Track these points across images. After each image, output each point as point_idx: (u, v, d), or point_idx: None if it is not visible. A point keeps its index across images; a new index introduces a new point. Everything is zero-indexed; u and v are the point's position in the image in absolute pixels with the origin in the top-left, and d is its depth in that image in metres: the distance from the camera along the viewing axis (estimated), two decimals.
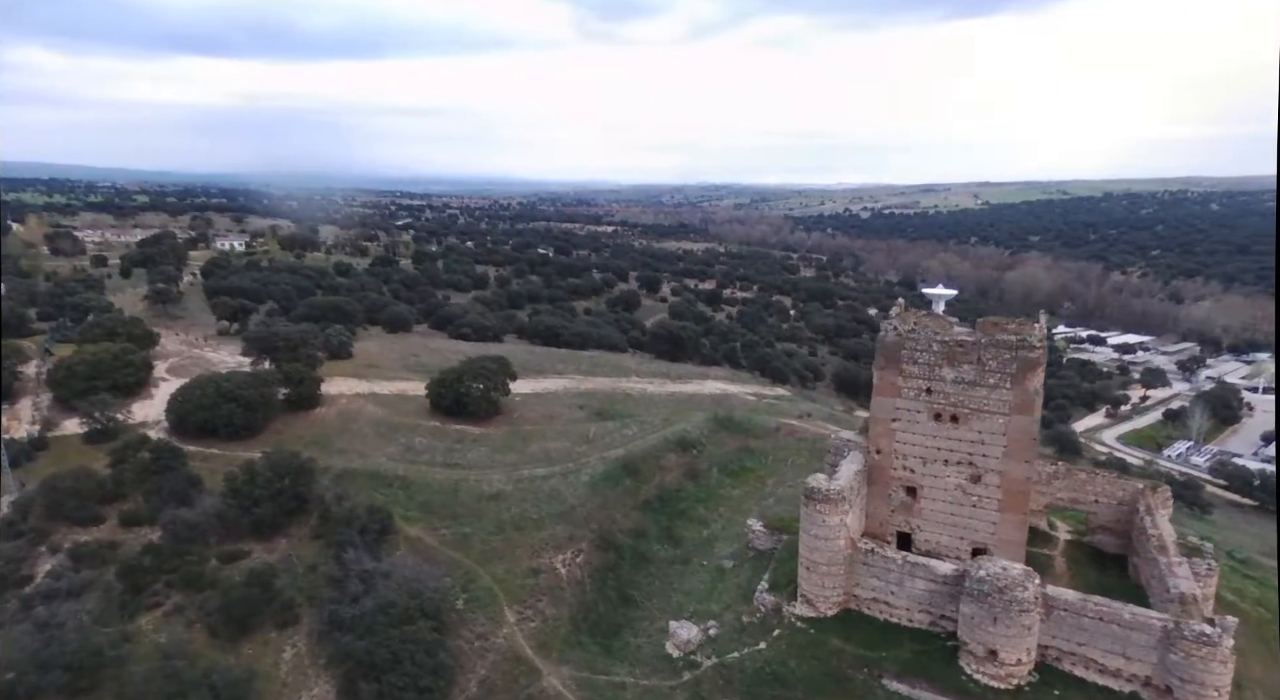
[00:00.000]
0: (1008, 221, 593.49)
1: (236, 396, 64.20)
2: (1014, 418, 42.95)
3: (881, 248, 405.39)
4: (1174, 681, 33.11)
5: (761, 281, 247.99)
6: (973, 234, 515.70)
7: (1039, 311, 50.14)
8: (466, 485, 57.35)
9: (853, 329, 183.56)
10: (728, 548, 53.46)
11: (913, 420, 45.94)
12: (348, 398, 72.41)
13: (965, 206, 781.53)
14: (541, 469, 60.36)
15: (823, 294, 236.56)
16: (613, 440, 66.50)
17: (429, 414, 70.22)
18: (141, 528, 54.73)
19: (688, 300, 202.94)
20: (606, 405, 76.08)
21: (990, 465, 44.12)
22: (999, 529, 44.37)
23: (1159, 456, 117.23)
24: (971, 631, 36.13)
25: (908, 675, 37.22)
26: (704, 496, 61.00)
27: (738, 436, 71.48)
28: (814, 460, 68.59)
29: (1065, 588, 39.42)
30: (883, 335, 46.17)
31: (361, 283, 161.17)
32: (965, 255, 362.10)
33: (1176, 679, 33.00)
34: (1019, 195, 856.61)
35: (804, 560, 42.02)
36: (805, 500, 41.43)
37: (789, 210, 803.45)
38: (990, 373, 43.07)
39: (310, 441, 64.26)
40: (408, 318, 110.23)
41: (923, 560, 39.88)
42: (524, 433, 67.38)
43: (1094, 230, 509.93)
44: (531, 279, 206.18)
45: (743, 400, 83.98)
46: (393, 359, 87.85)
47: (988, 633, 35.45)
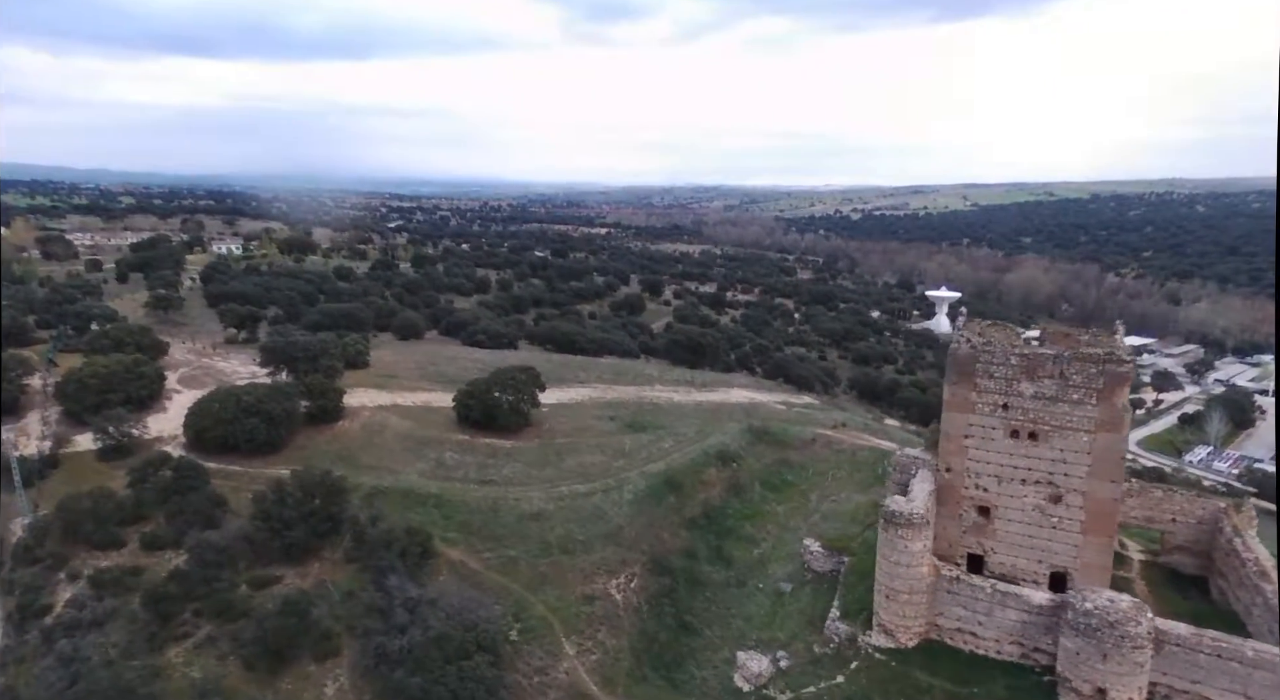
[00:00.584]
0: (999, 223, 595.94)
1: (258, 410, 61.43)
2: (1100, 435, 41.04)
3: (876, 249, 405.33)
4: None
5: (763, 284, 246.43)
6: (964, 235, 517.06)
7: (1115, 321, 48.44)
8: (506, 504, 54.92)
9: (859, 332, 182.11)
10: (782, 569, 51.38)
11: (987, 437, 43.98)
12: (370, 410, 69.75)
13: (954, 208, 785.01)
14: (581, 485, 58.02)
15: (824, 297, 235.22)
16: (649, 454, 64.27)
17: (456, 427, 67.71)
18: (165, 552, 51.93)
19: (691, 304, 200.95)
20: (636, 416, 73.83)
21: (1073, 485, 42.20)
22: (1082, 552, 42.46)
23: (1181, 462, 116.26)
24: (1076, 668, 34.13)
25: None
26: (749, 513, 58.89)
27: (775, 448, 69.43)
28: (855, 472, 66.85)
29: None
30: (955, 348, 44.20)
31: (364, 287, 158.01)
32: (960, 257, 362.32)
33: None
34: (1007, 197, 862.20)
35: (882, 588, 39.96)
36: (885, 524, 39.38)
37: (779, 212, 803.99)
38: (1074, 388, 41.14)
39: (336, 457, 61.60)
40: (419, 325, 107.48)
41: (1014, 589, 37.89)
42: (557, 446, 64.99)
43: (1084, 232, 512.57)
44: (533, 282, 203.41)
45: (772, 409, 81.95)
46: (411, 368, 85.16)
47: (1095, 670, 33.45)
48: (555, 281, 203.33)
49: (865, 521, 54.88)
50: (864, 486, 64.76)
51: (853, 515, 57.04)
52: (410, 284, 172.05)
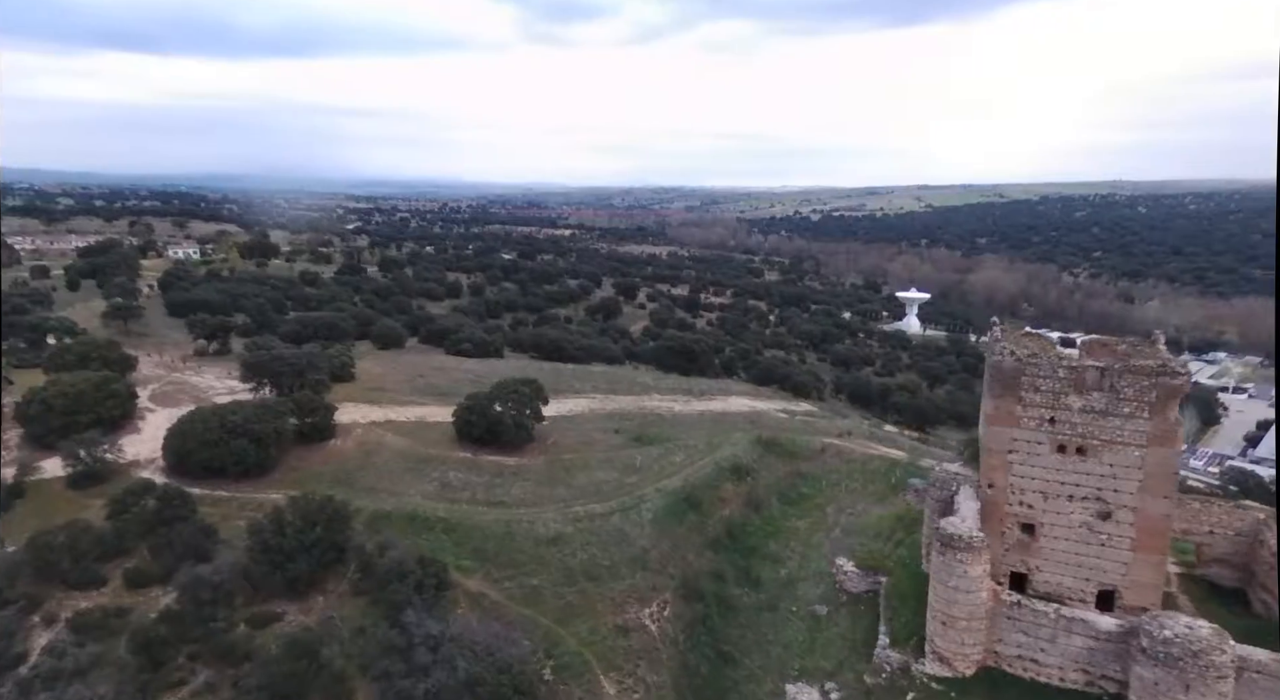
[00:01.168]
0: (954, 224, 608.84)
1: (246, 430, 57.41)
2: (1152, 450, 40.06)
3: (840, 250, 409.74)
4: None
5: (735, 286, 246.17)
6: (922, 236, 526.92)
7: (1155, 331, 47.85)
8: (520, 527, 52.07)
9: (835, 334, 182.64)
10: (813, 590, 49.61)
11: (1032, 452, 42.74)
12: (363, 427, 66.07)
13: (910, 209, 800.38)
14: (596, 505, 55.48)
15: (796, 298, 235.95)
16: (662, 468, 62.02)
17: (456, 444, 64.49)
18: (152, 589, 47.87)
19: (666, 307, 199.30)
20: (641, 428, 71.49)
21: (1123, 501, 41.16)
22: (1131, 570, 41.43)
23: None
24: (1154, 699, 32.96)
25: None
26: (771, 530, 57.07)
27: (785, 460, 67.81)
28: (868, 484, 65.67)
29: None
30: (999, 360, 42.85)
31: (332, 293, 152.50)
32: (922, 258, 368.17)
33: None
34: (959, 198, 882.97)
35: (938, 614, 38.36)
36: (942, 548, 37.78)
37: (740, 212, 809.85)
38: (1126, 401, 40.07)
39: (331, 479, 58.00)
40: (401, 333, 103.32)
41: (1080, 614, 36.60)
42: (564, 463, 62.28)
43: (1036, 232, 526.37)
44: (506, 286, 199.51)
45: (776, 418, 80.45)
46: (399, 380, 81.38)
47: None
48: (528, 285, 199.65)
49: (892, 537, 53.59)
50: (879, 498, 63.60)
51: (876, 530, 55.65)
52: (380, 289, 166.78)
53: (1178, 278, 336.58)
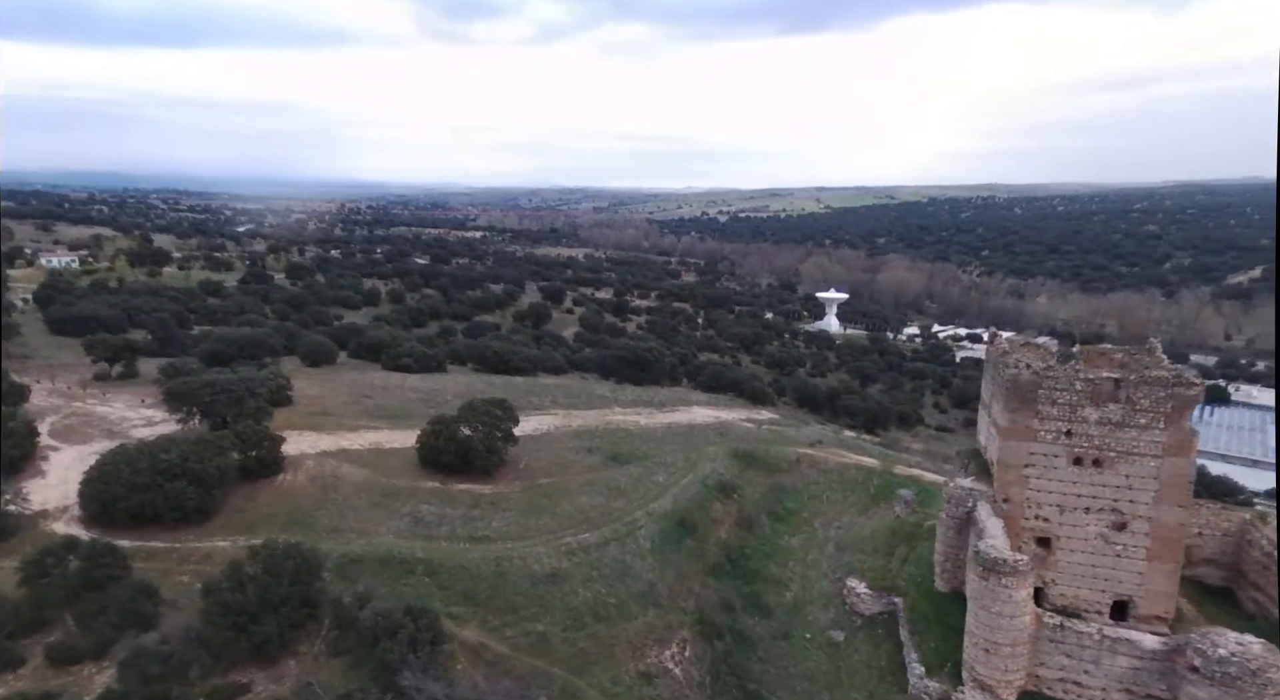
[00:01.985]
0: (853, 224, 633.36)
1: (185, 470, 50.54)
2: (1167, 460, 40.61)
3: (752, 251, 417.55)
4: None
5: (659, 288, 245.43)
6: (825, 236, 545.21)
7: (1150, 340, 48.96)
8: (511, 564, 48.01)
9: (765, 336, 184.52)
10: (823, 613, 48.09)
11: (1049, 466, 42.65)
12: (314, 458, 59.82)
13: (810, 210, 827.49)
14: (587, 534, 52.03)
15: (719, 300, 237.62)
16: (647, 490, 59.16)
17: (422, 472, 59.38)
18: (83, 667, 40.92)
19: (594, 311, 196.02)
20: (613, 446, 68.33)
21: (1139, 511, 41.56)
22: (1147, 579, 41.89)
23: None
24: None
25: None
26: (767, 550, 55.30)
27: (763, 473, 66.35)
28: (848, 494, 65.06)
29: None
30: (1016, 374, 42.48)
31: (240, 304, 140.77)
32: (829, 257, 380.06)
33: None
34: (854, 200, 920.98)
35: (979, 641, 37.34)
36: (984, 573, 36.77)
37: (649, 214, 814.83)
38: (1141, 412, 40.45)
39: (286, 521, 51.95)
40: (332, 349, 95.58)
41: (1124, 633, 36.36)
42: (543, 489, 58.40)
43: (928, 233, 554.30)
44: (428, 293, 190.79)
45: (743, 428, 79.00)
46: (343, 402, 74.79)
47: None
48: (451, 291, 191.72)
49: (892, 553, 52.79)
50: (862, 509, 63.06)
51: (872, 545, 54.82)
52: (292, 298, 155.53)
53: (1058, 274, 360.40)
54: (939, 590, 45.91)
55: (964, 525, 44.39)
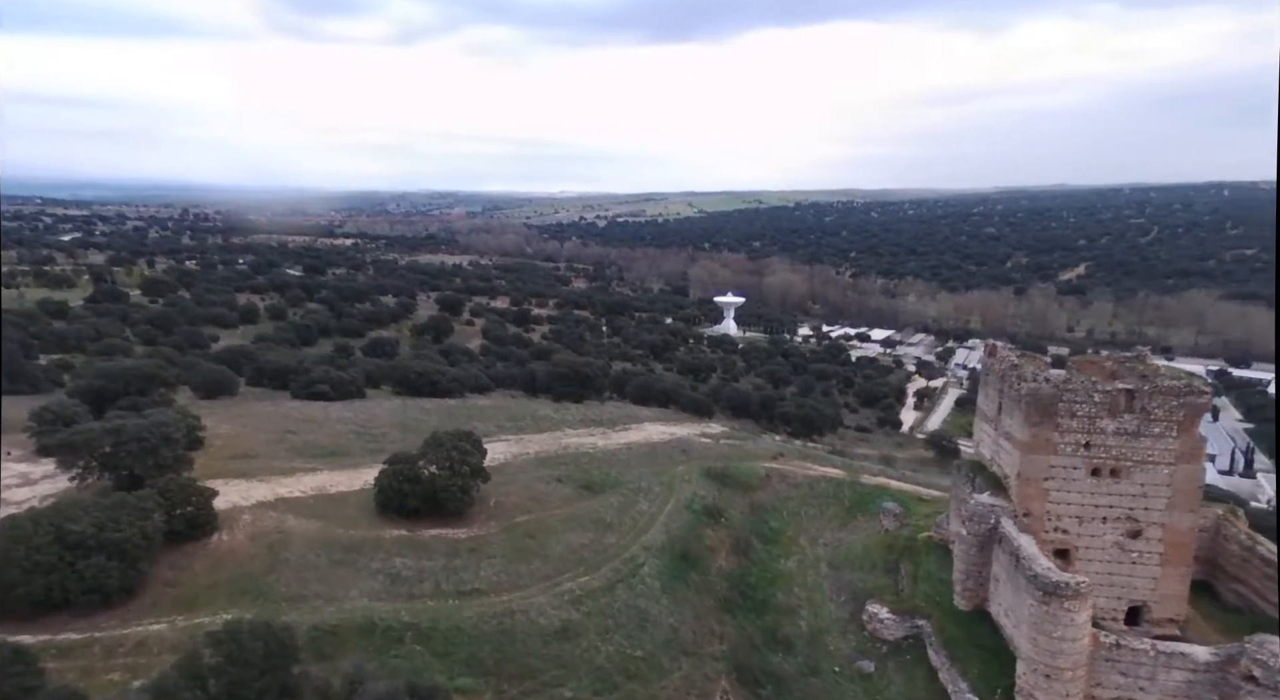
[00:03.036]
0: (728, 228, 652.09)
1: (101, 542, 41.70)
2: (1180, 467, 42.02)
3: (638, 255, 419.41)
4: None
5: (557, 296, 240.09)
6: (704, 240, 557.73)
7: (1138, 347, 50.81)
8: (514, 620, 43.04)
9: (672, 342, 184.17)
10: (844, 642, 46.49)
11: (1069, 478, 43.20)
12: (250, 511, 51.64)
13: (685, 214, 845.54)
14: (588, 577, 47.80)
15: (619, 306, 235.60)
16: (635, 522, 55.53)
17: (382, 520, 52.68)
18: None
19: (496, 322, 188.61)
20: (581, 472, 64.09)
21: (1153, 518, 42.81)
22: (1160, 584, 43.27)
23: None
24: None
25: None
26: (768, 577, 53.20)
27: (739, 493, 64.39)
28: (824, 508, 64.45)
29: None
30: (1036, 388, 42.61)
31: (95, 328, 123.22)
32: (715, 261, 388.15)
33: None
34: (725, 204, 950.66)
35: (1039, 667, 36.54)
36: (1046, 597, 36.02)
37: (526, 219, 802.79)
38: (1156, 421, 41.67)
39: (233, 591, 44.23)
40: (231, 378, 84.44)
41: (1179, 647, 36.64)
42: (524, 527, 53.38)
43: (799, 236, 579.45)
44: (312, 307, 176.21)
45: (701, 444, 76.78)
46: (264, 441, 65.73)
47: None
48: (338, 305, 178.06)
49: (894, 570, 52.14)
50: (841, 522, 62.47)
51: (869, 561, 54.08)
52: (156, 319, 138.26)
53: (920, 274, 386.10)
54: (960, 609, 45.46)
55: (986, 543, 44.06)
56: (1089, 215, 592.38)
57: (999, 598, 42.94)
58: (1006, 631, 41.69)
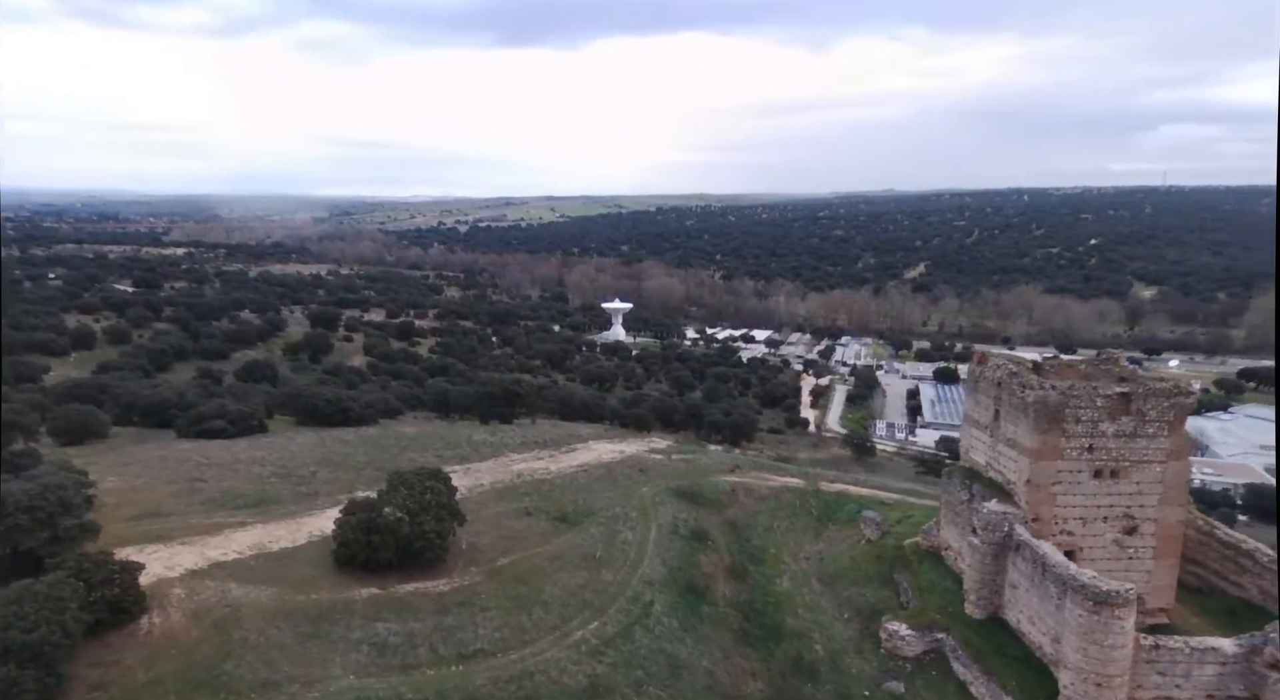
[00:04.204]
0: (593, 233, 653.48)
1: (10, 647, 32.91)
2: (1171, 464, 44.40)
3: (510, 261, 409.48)
4: None
5: (437, 307, 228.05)
6: (572, 245, 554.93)
7: (1107, 350, 53.21)
8: (535, 683, 38.42)
9: (569, 351, 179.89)
10: (864, 663, 45.56)
11: (1074, 481, 44.60)
12: (181, 583, 43.18)
13: (548, 219, 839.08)
14: (598, 622, 43.86)
15: (504, 315, 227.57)
16: (624, 554, 51.94)
17: (346, 578, 45.86)
18: None
19: (378, 337, 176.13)
20: (548, 502, 59.54)
21: (1147, 514, 45.00)
22: (1154, 576, 45.54)
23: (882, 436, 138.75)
24: None
25: None
26: (771, 601, 51.45)
27: (712, 511, 62.49)
28: (793, 519, 64.17)
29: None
30: (1044, 395, 43.61)
31: None
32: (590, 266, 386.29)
33: None
34: (586, 209, 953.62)
35: (1090, 676, 36.80)
36: (1096, 607, 36.35)
37: (380, 224, 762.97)
38: (1150, 422, 43.80)
39: (185, 685, 36.53)
40: (101, 419, 71.45)
41: (1209, 642, 38.17)
42: (509, 571, 48.42)
43: (664, 240, 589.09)
44: (160, 328, 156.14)
45: (655, 461, 73.94)
46: (170, 495, 55.64)
47: None
48: (192, 324, 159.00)
49: (890, 582, 52.00)
50: (815, 534, 62.19)
51: (862, 574, 53.83)
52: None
53: (783, 275, 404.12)
54: (975, 617, 45.72)
55: (1000, 550, 44.56)
56: (919, 218, 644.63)
57: (1019, 605, 43.49)
58: (1032, 639, 42.22)
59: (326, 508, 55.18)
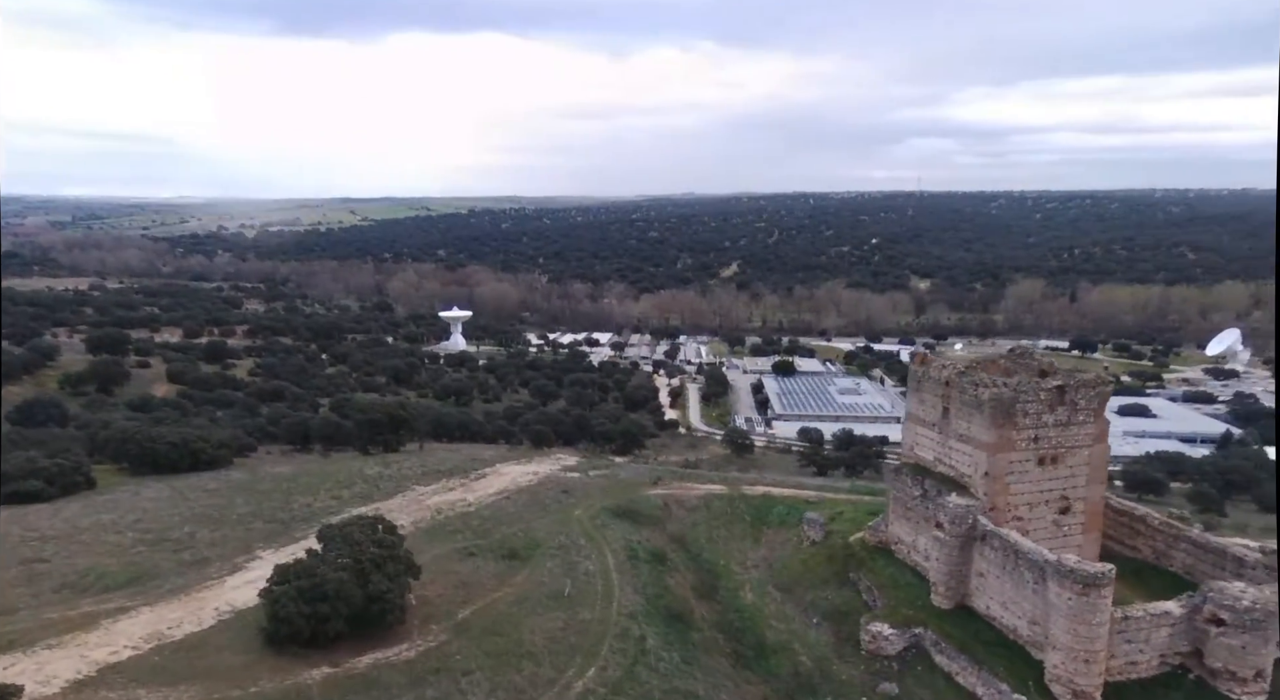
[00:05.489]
0: (407, 237, 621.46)
1: None
2: (1096, 447, 49.09)
3: (318, 269, 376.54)
4: None
5: (246, 323, 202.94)
6: (384, 250, 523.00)
7: (1022, 343, 57.42)
8: None
9: (417, 365, 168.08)
10: (850, 668, 45.89)
11: (1023, 470, 48.00)
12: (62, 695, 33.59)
13: (350, 222, 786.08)
14: (596, 669, 40.11)
15: (329, 329, 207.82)
16: (592, 587, 48.34)
17: (285, 659, 38.10)
18: None
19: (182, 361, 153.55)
20: (486, 541, 54.09)
21: (1077, 494, 49.45)
22: (1083, 549, 50.04)
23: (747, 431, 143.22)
24: (1241, 659, 39.86)
25: None
26: (745, 616, 50.32)
27: (655, 529, 60.57)
28: (729, 527, 64.52)
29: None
30: (998, 393, 46.42)
31: None
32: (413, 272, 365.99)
33: None
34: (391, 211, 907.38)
35: (1080, 654, 39.18)
36: (1085, 588, 38.79)
37: (144, 229, 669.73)
38: (1080, 411, 48.16)
39: None
40: None
41: (1162, 607, 41.93)
42: (477, 625, 43.07)
43: (482, 243, 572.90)
44: None
45: (573, 480, 70.00)
46: (10, 583, 42.98)
47: (1259, 656, 39.95)
48: None
49: (850, 582, 52.98)
50: (754, 539, 62.52)
51: (818, 577, 54.48)
52: None
53: (609, 277, 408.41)
54: (943, 608, 47.58)
55: (966, 542, 46.75)
56: (724, 220, 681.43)
57: (988, 592, 45.82)
58: (1005, 622, 44.57)
59: (226, 576, 46.34)
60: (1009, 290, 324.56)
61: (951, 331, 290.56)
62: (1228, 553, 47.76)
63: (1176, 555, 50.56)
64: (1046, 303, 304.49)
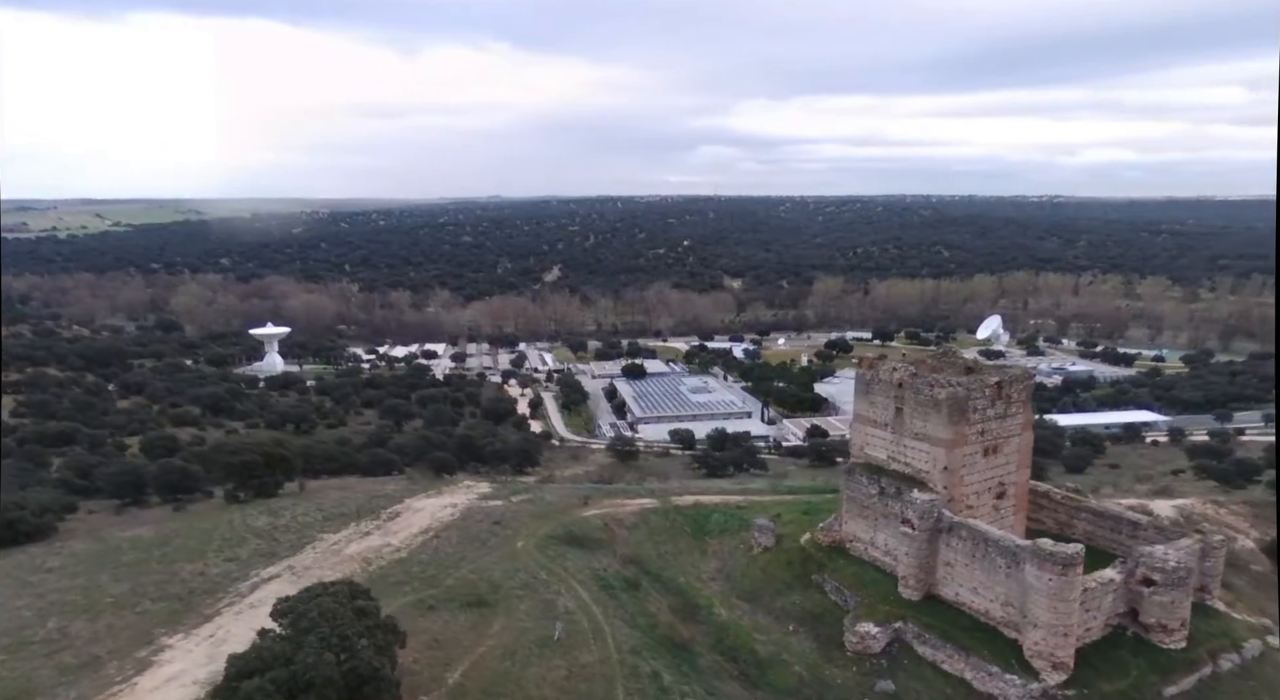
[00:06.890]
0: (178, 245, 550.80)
1: None
2: (1024, 435, 53.92)
3: (72, 284, 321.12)
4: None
5: None
6: (149, 260, 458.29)
7: (946, 345, 60.86)
8: None
9: (235, 393, 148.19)
10: (843, 672, 46.68)
11: (973, 463, 51.67)
12: None
13: (96, 228, 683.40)
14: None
15: (106, 355, 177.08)
16: (578, 629, 44.67)
17: None
18: None
19: None
20: (440, 590, 48.22)
21: (1010, 480, 54.01)
22: (1014, 530, 54.68)
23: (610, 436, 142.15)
24: (1170, 612, 45.27)
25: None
26: (733, 632, 49.19)
27: (604, 553, 57.70)
28: (672, 540, 63.77)
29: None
30: (954, 392, 49.36)
31: None
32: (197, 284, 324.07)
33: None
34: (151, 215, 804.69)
35: (1059, 629, 42.37)
36: (1064, 569, 42.00)
37: None
38: (1013, 403, 52.71)
39: None
40: None
41: (1106, 575, 46.43)
42: (474, 688, 38.14)
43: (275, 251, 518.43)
44: None
45: (500, 510, 64.17)
46: None
47: (1183, 608, 45.75)
48: None
49: (817, 584, 54.01)
50: (700, 551, 62.11)
51: (781, 583, 55.08)
52: None
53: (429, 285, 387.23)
54: (912, 600, 49.71)
55: (933, 535, 49.19)
56: (538, 224, 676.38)
57: (957, 580, 48.48)
58: (977, 607, 47.39)
59: (134, 676, 37.40)
60: (815, 287, 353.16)
61: (771, 327, 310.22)
62: (1123, 519, 54.75)
63: (1078, 525, 57.07)
64: (847, 297, 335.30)
